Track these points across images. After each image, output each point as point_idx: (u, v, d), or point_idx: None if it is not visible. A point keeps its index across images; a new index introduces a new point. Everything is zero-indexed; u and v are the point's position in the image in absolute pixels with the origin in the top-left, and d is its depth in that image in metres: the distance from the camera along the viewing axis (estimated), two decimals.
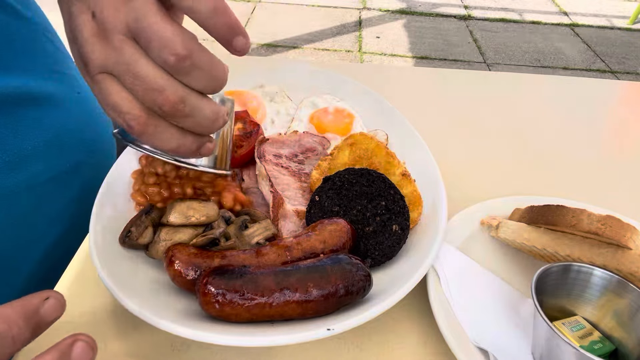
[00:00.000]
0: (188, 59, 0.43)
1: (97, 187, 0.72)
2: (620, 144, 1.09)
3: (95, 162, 0.87)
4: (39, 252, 0.77)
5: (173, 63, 0.43)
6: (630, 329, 0.59)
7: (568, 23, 4.64)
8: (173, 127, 0.48)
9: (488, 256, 0.74)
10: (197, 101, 0.47)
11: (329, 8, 4.62)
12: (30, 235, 0.75)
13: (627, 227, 0.60)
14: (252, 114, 0.91)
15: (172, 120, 0.48)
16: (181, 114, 0.46)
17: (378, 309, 0.57)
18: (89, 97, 0.90)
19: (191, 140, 0.50)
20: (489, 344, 0.59)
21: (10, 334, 0.36)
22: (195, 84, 0.46)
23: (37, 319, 0.38)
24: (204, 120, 0.48)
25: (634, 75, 3.84)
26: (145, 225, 0.65)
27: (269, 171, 0.77)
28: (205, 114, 0.48)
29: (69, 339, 0.38)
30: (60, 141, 0.78)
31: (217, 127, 0.50)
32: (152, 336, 0.62)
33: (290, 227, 0.72)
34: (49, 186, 0.76)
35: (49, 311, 0.39)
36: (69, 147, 0.80)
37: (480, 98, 1.19)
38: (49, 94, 0.77)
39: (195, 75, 0.45)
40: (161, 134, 0.48)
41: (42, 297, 0.39)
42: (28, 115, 0.73)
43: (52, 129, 0.77)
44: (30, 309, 0.38)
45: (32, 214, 0.74)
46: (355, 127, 0.92)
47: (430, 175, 0.77)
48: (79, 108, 0.84)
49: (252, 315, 0.55)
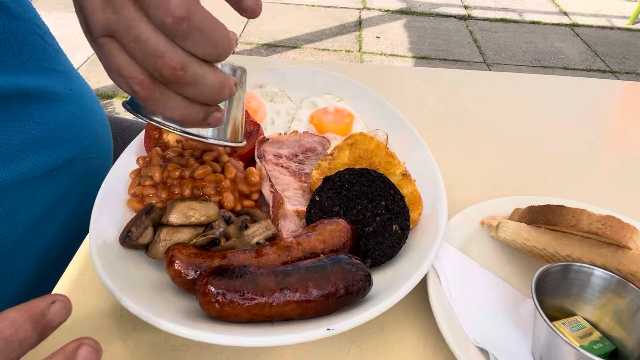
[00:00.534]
0: (186, 20, 0.41)
1: (91, 184, 0.72)
2: (620, 144, 1.09)
3: (89, 159, 0.86)
4: (33, 249, 0.77)
5: (170, 25, 0.41)
6: (630, 329, 0.59)
7: (568, 23, 4.64)
8: (179, 95, 0.47)
9: (488, 256, 0.74)
10: (200, 69, 0.45)
11: (329, 8, 4.62)
12: (21, 231, 0.74)
13: (627, 227, 0.60)
14: (252, 114, 0.91)
15: (175, 89, 0.46)
16: (183, 81, 0.45)
17: (378, 309, 0.57)
18: (83, 94, 0.90)
19: (197, 109, 0.48)
20: (489, 344, 0.59)
21: (17, 338, 0.36)
22: (197, 49, 0.44)
23: (43, 323, 0.38)
24: (208, 89, 0.47)
25: (633, 75, 3.84)
26: (145, 225, 0.65)
27: (269, 171, 0.77)
28: (210, 83, 0.46)
29: (74, 343, 0.38)
30: (51, 137, 0.78)
31: (224, 97, 0.48)
32: (152, 336, 0.62)
33: (290, 227, 0.72)
34: (40, 182, 0.75)
35: (56, 315, 0.39)
36: (61, 143, 0.80)
37: (480, 98, 1.19)
38: (40, 91, 0.76)
39: (195, 40, 0.43)
40: (167, 101, 0.47)
41: (48, 301, 0.39)
42: (18, 111, 0.72)
43: (43, 125, 0.76)
44: (36, 313, 0.38)
45: (23, 210, 0.73)
46: (355, 127, 0.92)
47: (430, 175, 0.77)
48: (71, 105, 0.84)
49: (252, 315, 0.55)
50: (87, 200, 0.83)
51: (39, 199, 0.76)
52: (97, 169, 0.88)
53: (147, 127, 0.83)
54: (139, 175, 0.74)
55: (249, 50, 3.78)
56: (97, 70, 3.36)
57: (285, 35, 4.05)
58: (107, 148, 0.95)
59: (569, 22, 4.65)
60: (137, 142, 0.83)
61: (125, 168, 0.77)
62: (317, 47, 3.91)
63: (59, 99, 0.81)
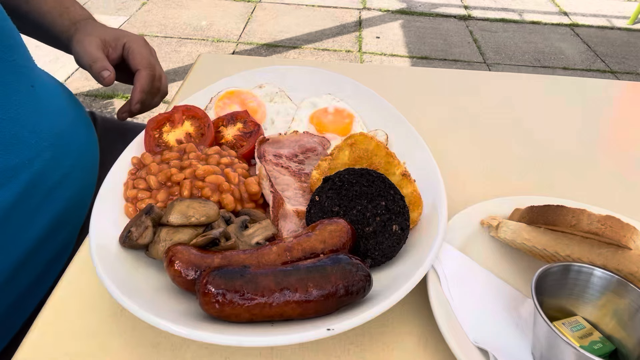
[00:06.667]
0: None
1: (55, 183, 0.71)
2: (620, 144, 1.09)
3: (53, 157, 0.82)
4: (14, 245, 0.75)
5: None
6: (630, 329, 0.59)
7: (568, 23, 4.64)
8: None
9: (488, 256, 0.74)
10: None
11: (329, 8, 4.61)
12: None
13: (627, 227, 0.60)
14: (252, 114, 0.91)
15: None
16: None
17: (378, 309, 0.57)
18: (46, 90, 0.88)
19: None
20: (489, 344, 0.59)
21: None
22: None
23: None
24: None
25: (634, 75, 3.84)
26: (145, 226, 0.65)
27: (269, 171, 0.77)
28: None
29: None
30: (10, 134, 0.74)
31: None
32: (152, 336, 0.62)
33: (290, 227, 0.72)
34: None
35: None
36: (20, 143, 0.76)
37: (480, 98, 1.19)
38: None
39: None
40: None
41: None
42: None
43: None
44: None
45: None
46: (355, 127, 0.92)
47: (430, 175, 0.77)
48: (34, 101, 0.81)
49: (252, 315, 0.55)
50: (55, 198, 0.81)
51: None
52: (65, 168, 0.85)
53: (147, 127, 0.83)
54: (133, 177, 0.75)
55: (249, 51, 3.78)
56: None
57: (285, 35, 4.05)
58: (74, 146, 0.91)
59: (569, 22, 4.65)
60: (137, 142, 0.83)
61: (126, 168, 0.77)
62: (317, 47, 3.91)
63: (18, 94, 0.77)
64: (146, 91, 0.95)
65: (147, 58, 0.97)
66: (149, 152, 0.80)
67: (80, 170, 0.90)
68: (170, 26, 3.99)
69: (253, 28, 4.10)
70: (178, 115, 0.85)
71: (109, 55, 0.95)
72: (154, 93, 1.00)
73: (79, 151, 0.91)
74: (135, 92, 0.93)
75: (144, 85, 0.94)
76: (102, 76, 0.89)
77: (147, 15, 4.12)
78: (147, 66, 0.95)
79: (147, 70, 0.95)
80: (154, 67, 0.98)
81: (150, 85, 0.96)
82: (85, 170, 0.93)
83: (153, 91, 0.99)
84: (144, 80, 0.94)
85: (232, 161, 0.77)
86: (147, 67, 0.95)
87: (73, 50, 0.94)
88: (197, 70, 1.22)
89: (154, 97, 1.00)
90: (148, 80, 0.95)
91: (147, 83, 0.95)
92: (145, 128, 0.83)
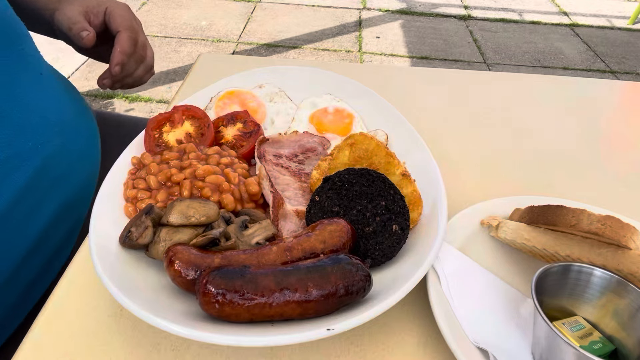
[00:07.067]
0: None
1: (63, 171, 0.70)
2: (620, 144, 1.09)
3: (62, 145, 0.83)
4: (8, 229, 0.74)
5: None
6: (630, 329, 0.59)
7: (568, 23, 4.64)
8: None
9: (488, 256, 0.74)
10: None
11: (329, 8, 4.61)
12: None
13: (627, 227, 0.60)
14: (252, 114, 0.91)
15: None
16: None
17: (378, 309, 0.57)
18: (54, 78, 0.88)
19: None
20: (489, 344, 0.59)
21: None
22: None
23: None
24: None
25: (633, 75, 3.84)
26: (145, 226, 0.65)
27: (269, 171, 0.77)
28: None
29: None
30: (19, 121, 0.75)
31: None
32: (152, 336, 0.62)
33: (290, 227, 0.72)
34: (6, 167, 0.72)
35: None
36: (31, 127, 0.77)
37: (480, 98, 1.19)
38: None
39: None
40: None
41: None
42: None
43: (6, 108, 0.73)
44: None
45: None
46: (355, 127, 0.92)
47: (430, 175, 0.77)
48: (42, 89, 0.82)
49: (252, 315, 0.55)
50: (61, 186, 0.81)
51: (6, 184, 0.73)
52: (73, 155, 0.85)
53: (147, 127, 0.83)
54: (133, 177, 0.75)
55: (249, 51, 3.78)
56: (98, 71, 3.36)
57: (285, 35, 4.05)
58: (82, 135, 0.91)
59: (569, 22, 4.65)
60: (137, 142, 0.83)
61: (126, 168, 0.77)
62: (317, 47, 3.90)
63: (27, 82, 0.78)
64: (127, 53, 0.90)
65: (128, 20, 0.92)
66: (148, 152, 0.80)
67: (84, 161, 0.91)
68: (170, 26, 3.99)
69: (253, 28, 4.10)
70: (178, 115, 0.85)
71: (91, 22, 0.91)
72: (138, 60, 0.95)
73: (84, 142, 0.91)
74: (114, 53, 0.88)
75: (124, 47, 0.89)
76: (81, 36, 0.85)
77: (147, 15, 4.12)
78: (127, 28, 0.90)
79: (127, 32, 0.90)
80: (136, 30, 0.92)
81: (131, 48, 0.91)
82: (89, 163, 0.93)
83: (136, 57, 0.94)
84: (124, 42, 0.89)
85: (232, 161, 0.77)
86: (128, 29, 0.90)
87: (55, 21, 0.90)
88: (197, 70, 1.22)
89: (137, 64, 0.96)
90: (129, 42, 0.90)
91: (127, 45, 0.89)
92: (145, 128, 0.83)
